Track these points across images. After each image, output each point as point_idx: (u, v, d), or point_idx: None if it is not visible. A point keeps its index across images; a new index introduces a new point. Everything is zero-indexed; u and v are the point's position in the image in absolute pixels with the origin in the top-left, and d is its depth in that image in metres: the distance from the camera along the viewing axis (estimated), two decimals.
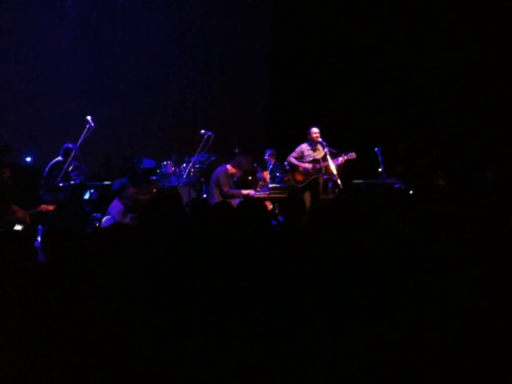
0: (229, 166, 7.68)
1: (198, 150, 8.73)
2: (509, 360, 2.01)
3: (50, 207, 7.04)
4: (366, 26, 9.63)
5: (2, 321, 2.13)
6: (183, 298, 2.24)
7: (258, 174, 9.92)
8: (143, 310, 2.18)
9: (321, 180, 8.07)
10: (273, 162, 9.66)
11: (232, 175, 7.76)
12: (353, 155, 7.92)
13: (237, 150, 9.15)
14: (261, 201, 7.45)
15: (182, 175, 8.65)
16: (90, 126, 7.35)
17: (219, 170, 7.66)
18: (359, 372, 2.05)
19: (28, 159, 8.07)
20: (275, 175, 9.32)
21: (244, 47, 11.89)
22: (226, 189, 7.45)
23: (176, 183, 8.52)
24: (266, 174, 9.72)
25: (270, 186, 8.44)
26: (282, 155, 8.96)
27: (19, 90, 9.40)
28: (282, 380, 2.05)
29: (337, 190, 8.07)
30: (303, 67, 10.71)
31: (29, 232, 6.33)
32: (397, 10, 9.16)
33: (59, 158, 7.81)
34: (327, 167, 7.81)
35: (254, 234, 3.10)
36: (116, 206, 6.89)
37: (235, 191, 7.63)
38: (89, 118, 7.42)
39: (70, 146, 7.72)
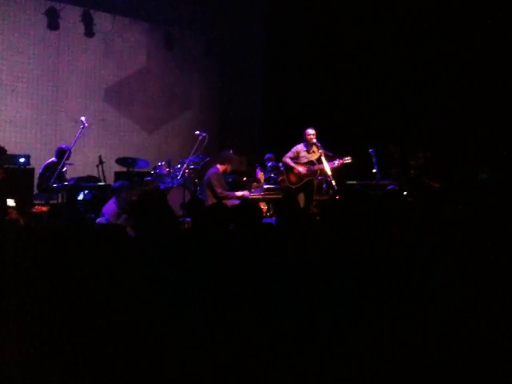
0: (218, 165, 7.66)
1: (193, 151, 8.72)
2: (508, 360, 2.01)
3: (44, 208, 7.01)
4: (359, 30, 9.64)
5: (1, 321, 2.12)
6: (181, 299, 2.23)
7: (257, 175, 9.90)
8: (140, 310, 2.17)
9: (315, 181, 8.08)
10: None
11: (225, 172, 7.76)
12: (349, 159, 7.93)
13: (231, 151, 9.14)
14: (257, 202, 7.48)
15: (177, 176, 8.61)
16: (84, 126, 7.32)
17: (210, 171, 7.63)
18: (359, 371, 2.05)
19: (22, 160, 8.02)
20: (270, 176, 9.31)
21: (240, 49, 11.90)
22: (218, 190, 7.42)
23: (170, 184, 8.49)
24: (261, 175, 9.71)
25: (265, 187, 8.44)
26: (277, 157, 8.97)
27: (14, 90, 9.36)
28: (282, 380, 2.05)
29: (331, 191, 8.08)
30: (298, 69, 10.73)
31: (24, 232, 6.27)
32: (390, 12, 9.18)
33: (53, 159, 7.79)
34: (322, 169, 7.82)
35: (251, 234, 3.10)
36: (110, 207, 6.86)
37: (229, 193, 7.61)
38: (83, 118, 7.39)
39: (64, 146, 7.71)
